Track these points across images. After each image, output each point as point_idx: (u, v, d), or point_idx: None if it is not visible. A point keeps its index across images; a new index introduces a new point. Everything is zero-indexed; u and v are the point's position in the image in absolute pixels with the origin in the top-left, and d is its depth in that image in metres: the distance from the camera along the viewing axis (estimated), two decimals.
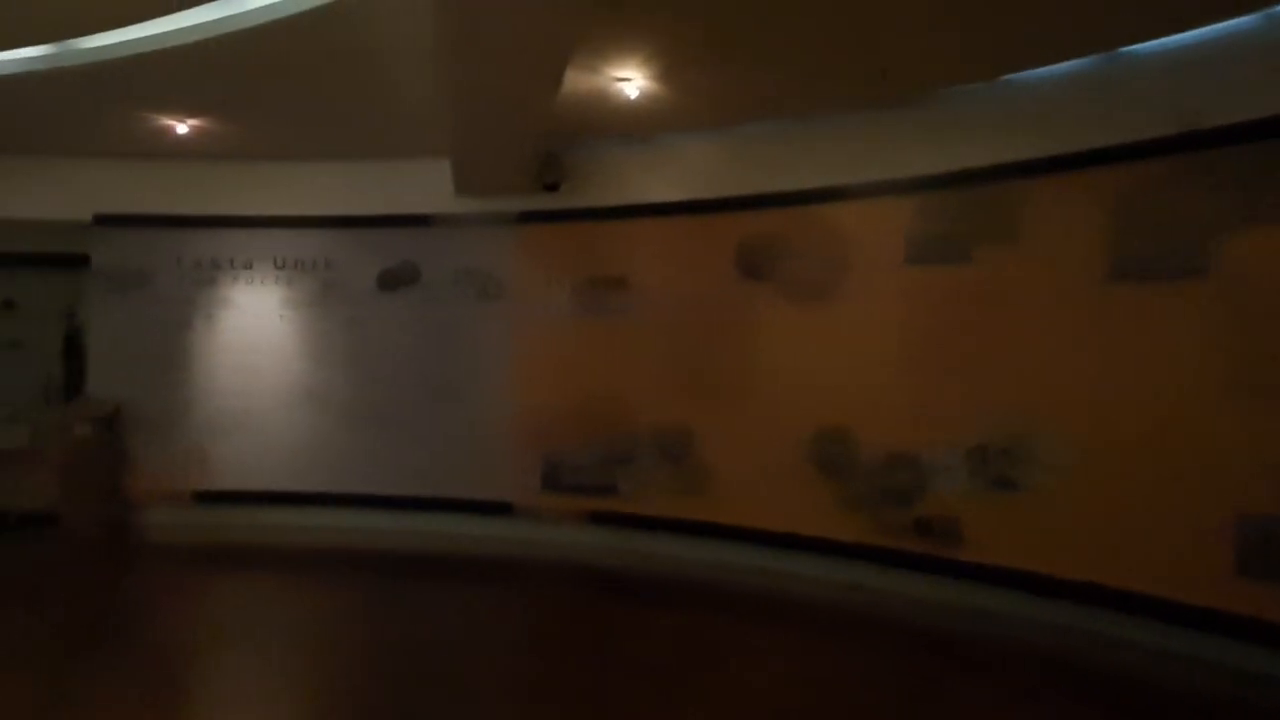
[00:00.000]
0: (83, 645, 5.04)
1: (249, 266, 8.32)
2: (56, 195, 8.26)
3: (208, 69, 5.92)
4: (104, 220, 8.24)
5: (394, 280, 8.12)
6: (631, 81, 5.91)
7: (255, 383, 8.20)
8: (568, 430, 7.48)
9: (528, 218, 7.79)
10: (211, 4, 5.22)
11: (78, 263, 8.40)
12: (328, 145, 7.88)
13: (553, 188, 7.46)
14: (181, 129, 7.21)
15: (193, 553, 7.61)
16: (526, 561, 7.33)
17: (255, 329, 8.26)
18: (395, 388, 8.02)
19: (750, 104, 6.51)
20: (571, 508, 7.48)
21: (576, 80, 5.79)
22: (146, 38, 5.56)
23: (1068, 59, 5.48)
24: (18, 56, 5.94)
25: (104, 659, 4.83)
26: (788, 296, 6.70)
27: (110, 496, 8.00)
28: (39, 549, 7.64)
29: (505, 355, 7.79)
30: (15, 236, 9.06)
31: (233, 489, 8.12)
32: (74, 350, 8.58)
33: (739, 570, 6.77)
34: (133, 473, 8.12)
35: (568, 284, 7.62)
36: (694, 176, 7.22)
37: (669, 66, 5.70)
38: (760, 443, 6.70)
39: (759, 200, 6.82)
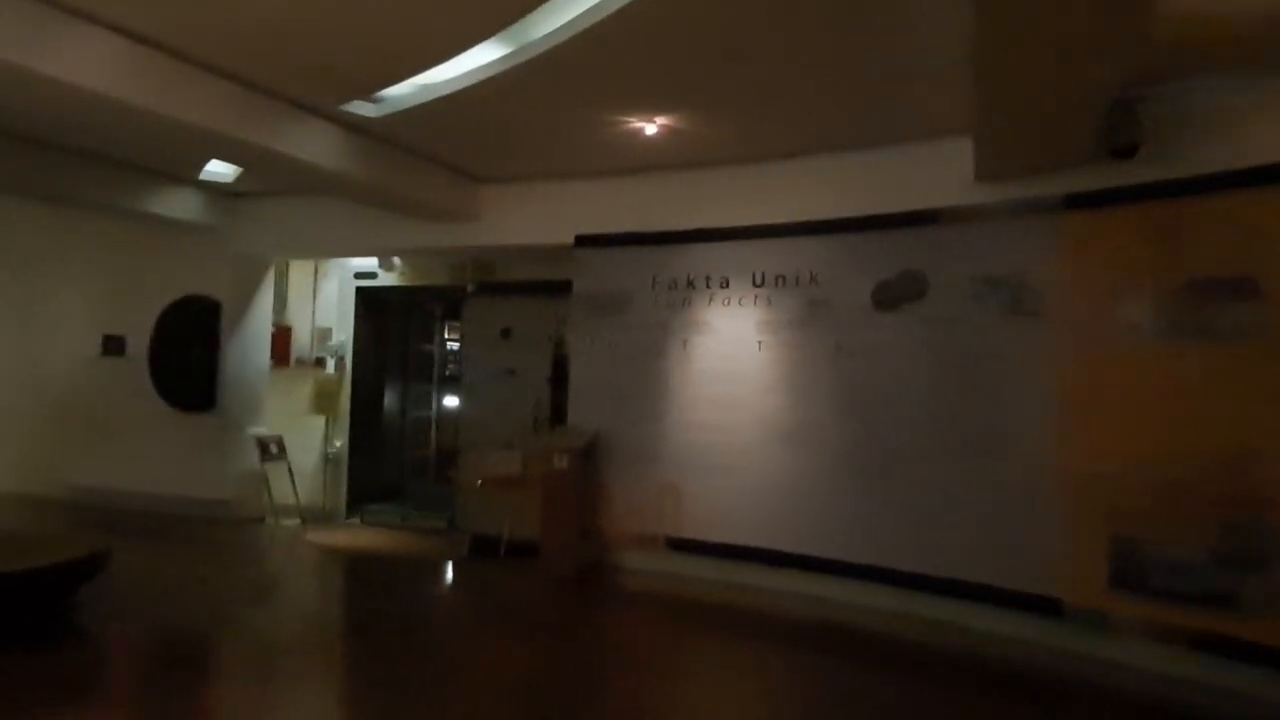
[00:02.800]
0: (567, 692, 4.84)
1: (725, 285, 7.29)
2: (544, 219, 8.07)
3: (665, 37, 4.86)
4: (584, 241, 7.82)
5: (893, 296, 6.47)
6: None
7: (730, 418, 7.12)
8: (1153, 506, 5.11)
9: (1079, 201, 5.60)
10: None
11: (563, 289, 8.13)
12: (810, 136, 6.54)
13: (1125, 153, 5.19)
14: (650, 129, 6.36)
15: (665, 604, 6.80)
16: (1076, 682, 5.18)
17: (731, 356, 7.19)
18: (896, 433, 6.35)
19: None
20: (1158, 621, 5.10)
21: None
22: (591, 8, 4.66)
23: None
24: (477, 65, 5.46)
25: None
26: None
27: (585, 532, 7.49)
28: (523, 580, 7.39)
29: (1048, 394, 5.65)
30: (511, 265, 9.26)
31: (705, 539, 7.11)
32: (560, 377, 8.33)
33: None
34: (607, 509, 7.55)
35: (1147, 292, 5.27)
36: None
37: None
38: None
39: None
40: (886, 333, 6.48)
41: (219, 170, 8.27)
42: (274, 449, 9.50)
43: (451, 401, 10.24)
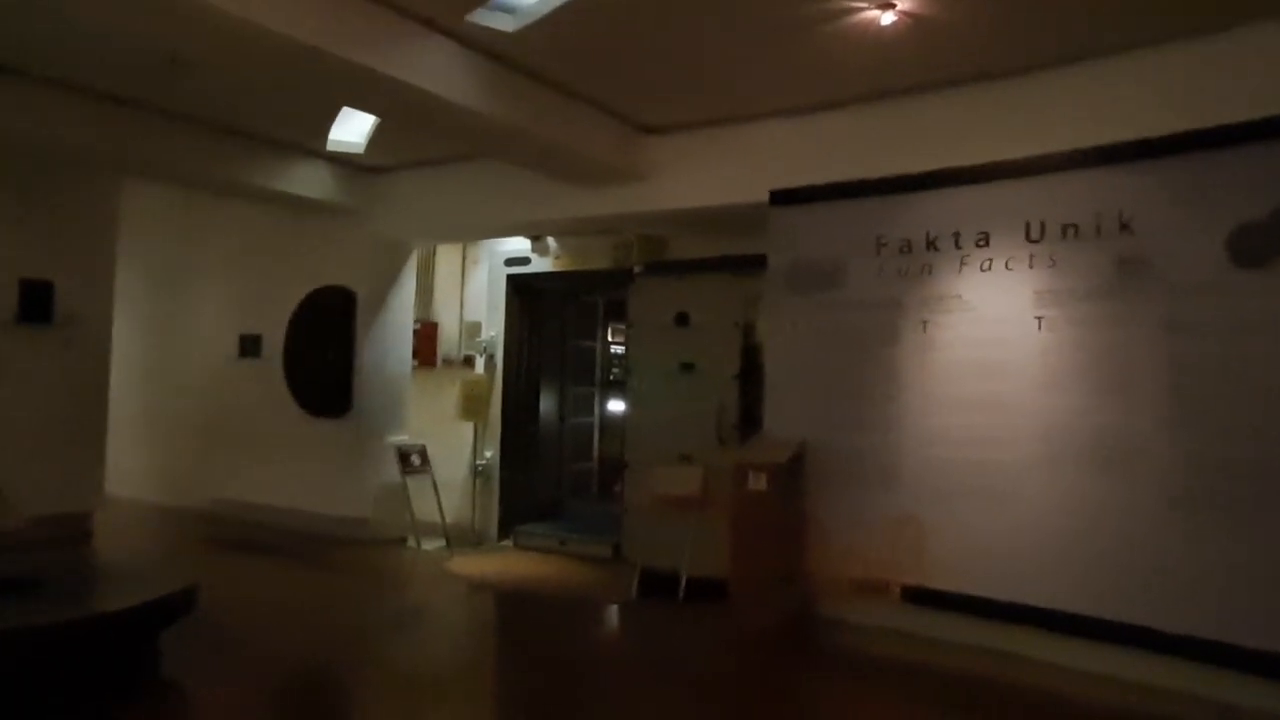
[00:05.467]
0: None
1: (983, 243, 5.35)
2: (728, 174, 6.37)
3: None
4: (781, 198, 6.07)
5: (1261, 246, 4.35)
6: None
7: (995, 427, 5.17)
8: None
9: None
10: None
11: (752, 264, 6.42)
12: (1116, 22, 4.52)
13: None
14: (887, 18, 4.54)
15: (899, 675, 5.01)
16: None
17: (995, 341, 5.24)
18: (1264, 452, 4.24)
19: None
20: None
21: None
22: None
23: None
24: None
25: None
26: None
27: (788, 574, 5.73)
28: (707, 631, 5.75)
29: None
30: (686, 239, 7.64)
31: (958, 591, 5.19)
32: (750, 375, 6.60)
33: None
34: (818, 546, 5.75)
35: None
36: None
37: None
38: None
39: None
40: (1251, 301, 4.37)
41: (346, 138, 7.08)
42: (416, 460, 8.27)
43: (617, 405, 8.72)
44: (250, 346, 8.95)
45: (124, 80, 6.12)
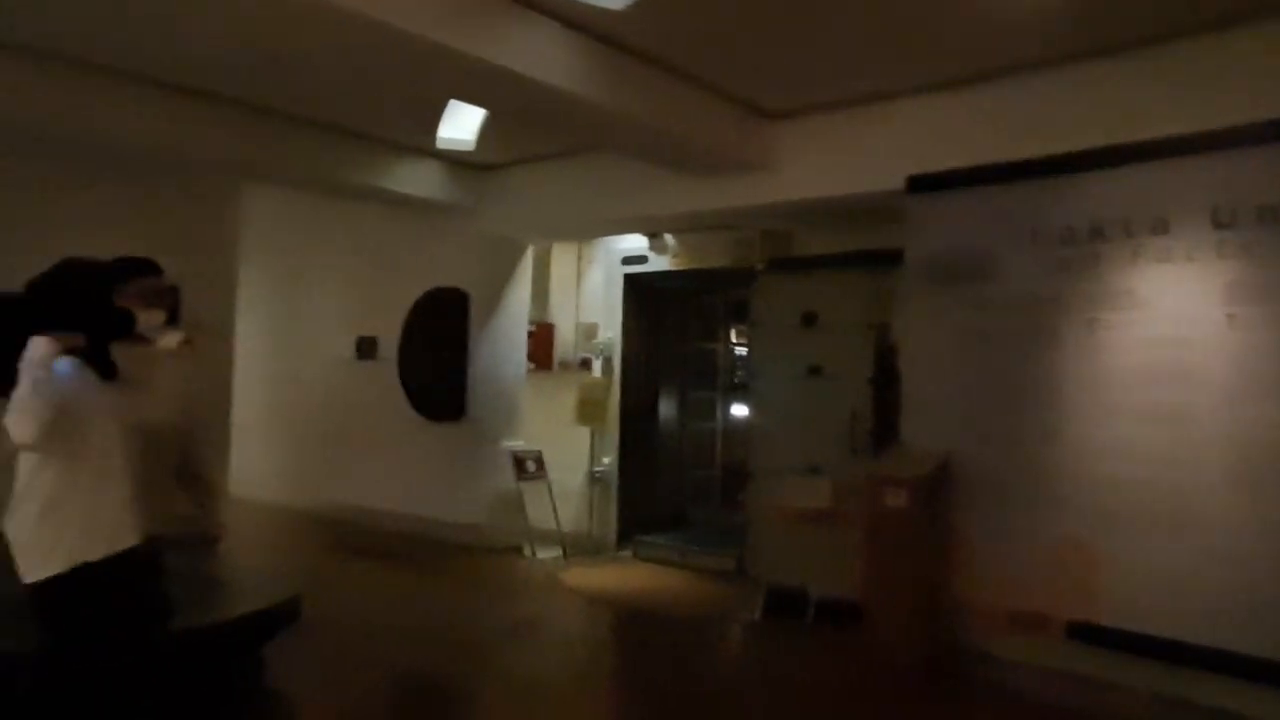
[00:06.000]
0: None
1: (1161, 230, 4.65)
2: (860, 159, 5.84)
3: None
4: (921, 184, 5.50)
5: None
6: None
7: (1177, 442, 4.48)
8: None
9: None
10: None
11: (887, 259, 5.87)
12: None
13: None
14: None
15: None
16: None
17: (1177, 342, 4.55)
18: None
19: None
20: None
21: None
22: None
23: None
24: None
25: None
26: None
27: (934, 601, 5.17)
28: (840, 661, 5.28)
29: None
30: (813, 233, 7.14)
31: (1134, 629, 4.53)
32: (886, 380, 6.04)
33: None
34: (968, 571, 5.16)
35: None
36: None
37: None
38: None
39: None
40: None
41: (456, 135, 6.88)
42: (532, 466, 8.06)
43: (740, 410, 8.29)
44: (367, 349, 8.94)
45: (237, 83, 6.11)
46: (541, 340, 8.77)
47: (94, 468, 2.75)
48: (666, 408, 8.82)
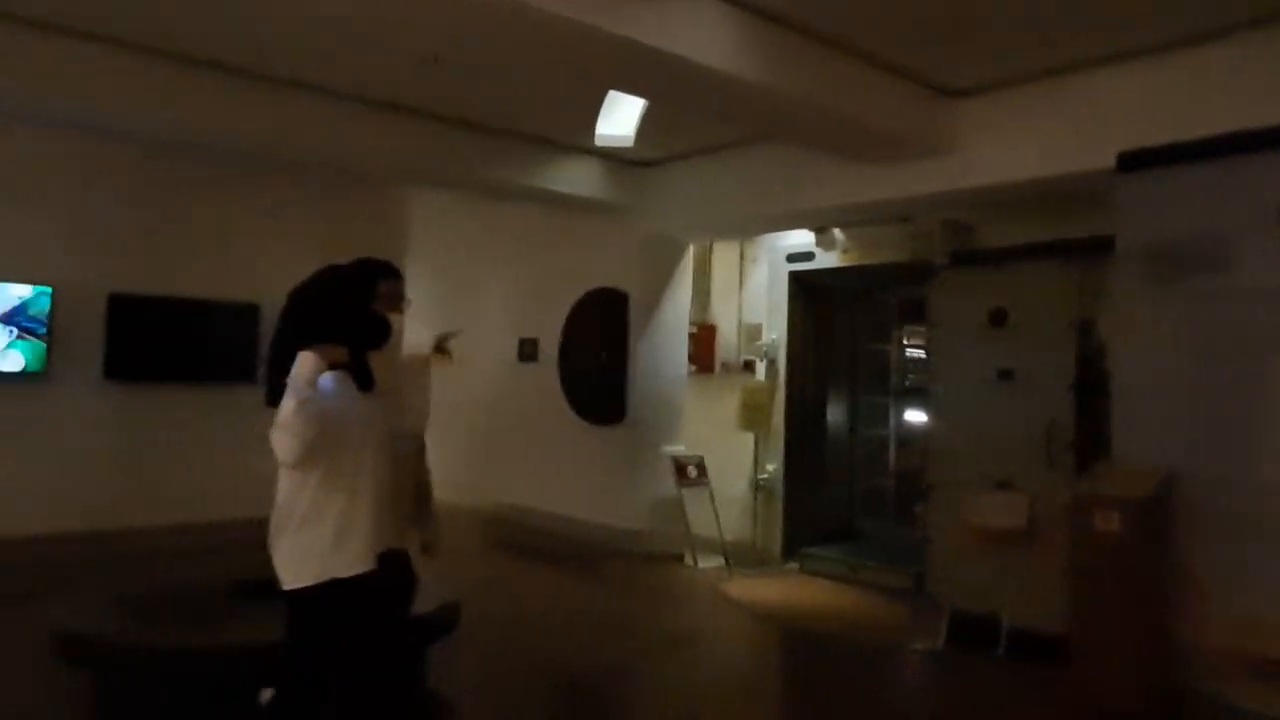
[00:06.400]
0: None
1: None
2: (1058, 137, 5.22)
3: None
4: (1135, 161, 4.80)
5: None
6: None
7: None
8: None
9: None
10: None
11: (1090, 249, 5.20)
12: None
13: None
14: None
15: None
16: None
17: None
18: None
19: None
20: None
21: None
22: None
23: None
24: None
25: None
26: None
27: (1155, 640, 4.49)
28: (1041, 702, 4.72)
29: None
30: (1001, 222, 6.50)
31: None
32: (1091, 384, 5.35)
33: None
34: (1196, 607, 4.45)
35: None
36: None
37: None
38: None
39: None
40: None
41: (614, 131, 6.69)
42: (693, 472, 7.77)
43: (916, 417, 7.69)
44: (528, 350, 8.94)
45: (394, 87, 6.15)
46: (703, 342, 8.48)
47: (348, 482, 2.74)
48: (835, 413, 8.32)
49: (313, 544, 2.70)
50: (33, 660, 4.01)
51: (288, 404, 2.57)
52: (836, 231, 7.68)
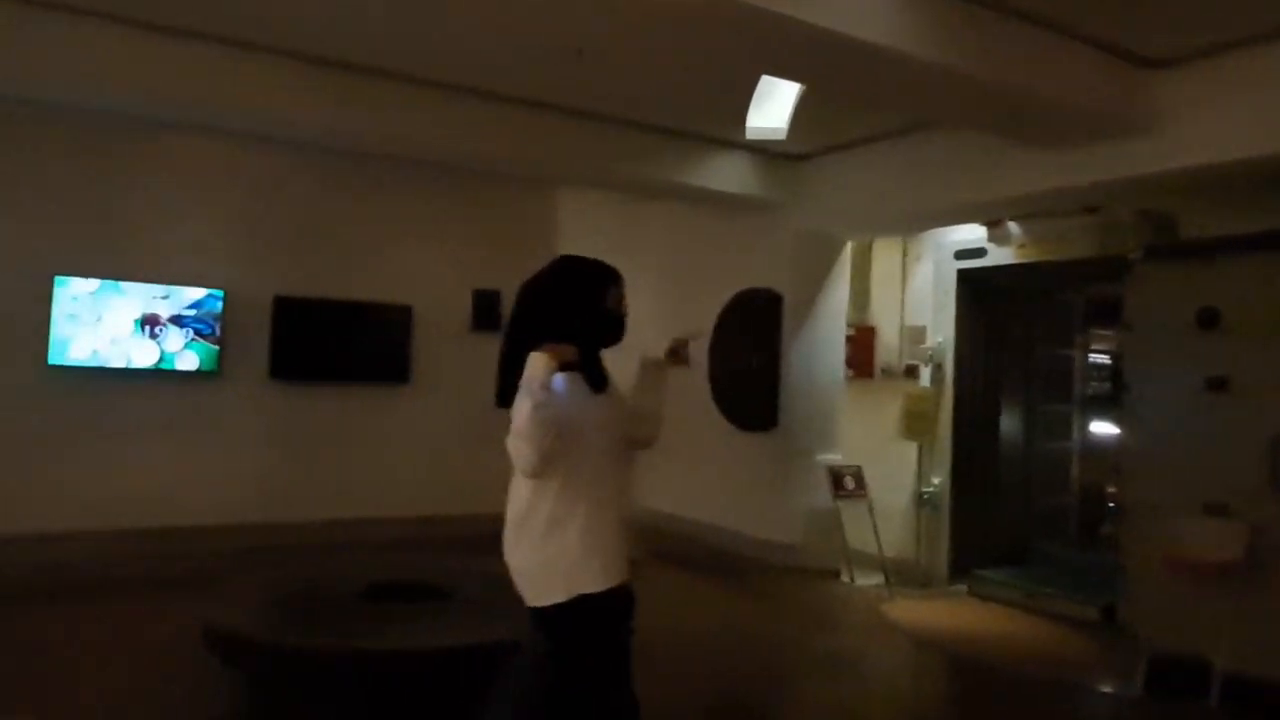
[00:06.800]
0: None
1: None
2: (1273, 107, 4.49)
3: None
4: None
5: None
6: None
7: None
8: None
9: None
10: None
11: None
12: None
13: None
14: None
15: None
16: None
17: None
18: None
19: None
20: None
21: None
22: None
23: None
24: None
25: None
26: None
27: None
28: None
29: None
30: (1208, 210, 5.72)
31: None
32: None
33: None
34: None
35: None
36: None
37: None
38: None
39: None
40: None
41: (766, 123, 6.35)
42: (850, 483, 7.30)
43: (1104, 429, 6.93)
44: (679, 353, 8.69)
45: (541, 85, 6.08)
46: (861, 345, 7.98)
47: (590, 491, 2.53)
48: (1009, 423, 7.63)
49: (558, 558, 2.49)
50: (191, 650, 4.09)
51: (522, 409, 2.37)
52: (1011, 225, 7.03)
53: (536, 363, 2.39)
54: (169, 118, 6.41)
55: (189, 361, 6.84)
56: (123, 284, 6.63)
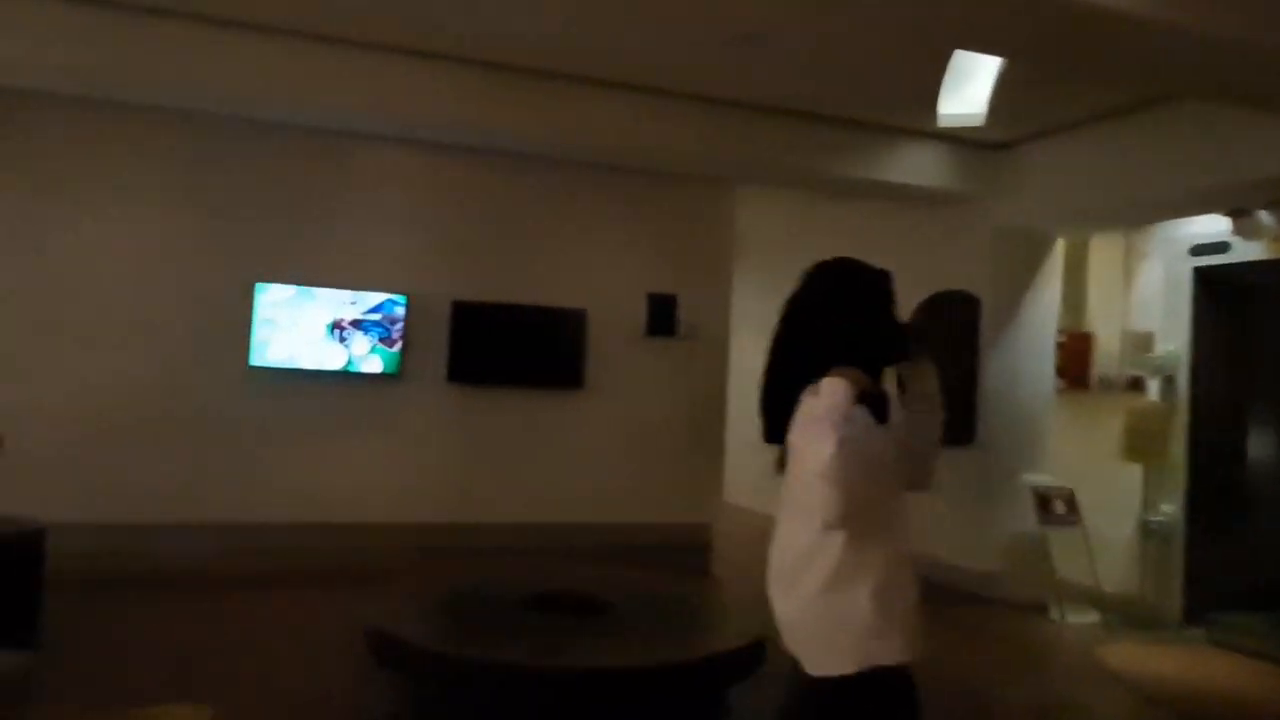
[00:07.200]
0: None
1: None
2: None
3: None
4: None
5: None
6: None
7: None
8: None
9: None
10: None
11: None
12: None
13: None
14: None
15: None
16: None
17: None
18: None
19: None
20: None
21: None
22: None
23: None
24: None
25: None
26: None
27: None
28: None
29: None
30: None
31: None
32: None
33: None
34: None
35: None
36: None
37: None
38: None
39: None
40: None
41: (961, 110, 5.77)
42: (1060, 507, 6.53)
43: None
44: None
45: (715, 80, 5.84)
46: (1074, 353, 7.14)
47: (885, 538, 2.08)
48: (1259, 445, 6.58)
49: (847, 618, 2.01)
50: (358, 647, 4.11)
51: (824, 446, 1.90)
52: (1262, 214, 6.04)
53: (838, 390, 1.94)
54: (362, 129, 6.69)
55: (373, 365, 7.05)
56: (315, 290, 6.92)
